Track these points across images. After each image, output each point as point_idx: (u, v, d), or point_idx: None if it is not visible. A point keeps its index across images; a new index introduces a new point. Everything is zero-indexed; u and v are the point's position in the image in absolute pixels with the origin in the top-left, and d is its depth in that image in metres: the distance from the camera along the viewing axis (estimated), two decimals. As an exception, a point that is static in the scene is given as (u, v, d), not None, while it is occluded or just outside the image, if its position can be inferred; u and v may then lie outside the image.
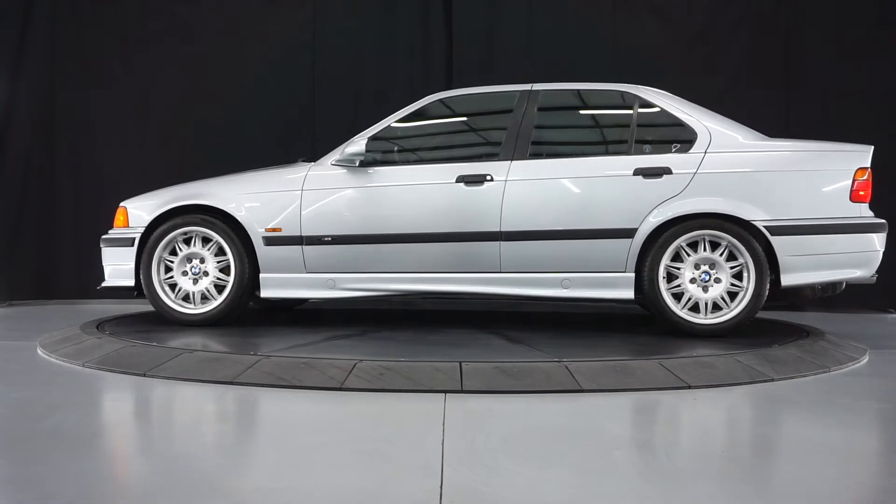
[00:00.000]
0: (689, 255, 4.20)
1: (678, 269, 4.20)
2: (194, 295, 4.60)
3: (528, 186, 4.31)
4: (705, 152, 4.21)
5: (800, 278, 4.14)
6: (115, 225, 4.76)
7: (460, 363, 3.40)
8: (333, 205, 4.47)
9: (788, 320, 5.20)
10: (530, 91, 4.55)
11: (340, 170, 4.50)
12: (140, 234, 4.62)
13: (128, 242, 4.64)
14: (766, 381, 3.49)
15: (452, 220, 4.35)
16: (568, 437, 2.68)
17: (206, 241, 4.61)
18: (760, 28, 6.46)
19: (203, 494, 2.07)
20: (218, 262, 4.59)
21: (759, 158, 4.21)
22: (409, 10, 6.78)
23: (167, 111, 6.75)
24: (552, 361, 3.48)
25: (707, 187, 4.15)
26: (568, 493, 2.11)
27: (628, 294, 4.24)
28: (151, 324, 4.70)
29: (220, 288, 4.58)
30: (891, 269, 4.62)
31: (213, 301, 4.57)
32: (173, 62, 6.77)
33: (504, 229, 4.29)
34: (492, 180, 4.33)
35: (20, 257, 6.73)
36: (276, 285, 4.55)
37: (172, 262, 4.62)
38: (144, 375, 3.55)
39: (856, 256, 4.12)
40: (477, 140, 4.89)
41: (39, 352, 4.22)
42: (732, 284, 4.15)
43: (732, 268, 4.15)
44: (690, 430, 2.91)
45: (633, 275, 4.22)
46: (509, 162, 4.36)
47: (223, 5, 6.87)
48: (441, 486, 2.11)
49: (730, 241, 4.13)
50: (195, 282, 4.62)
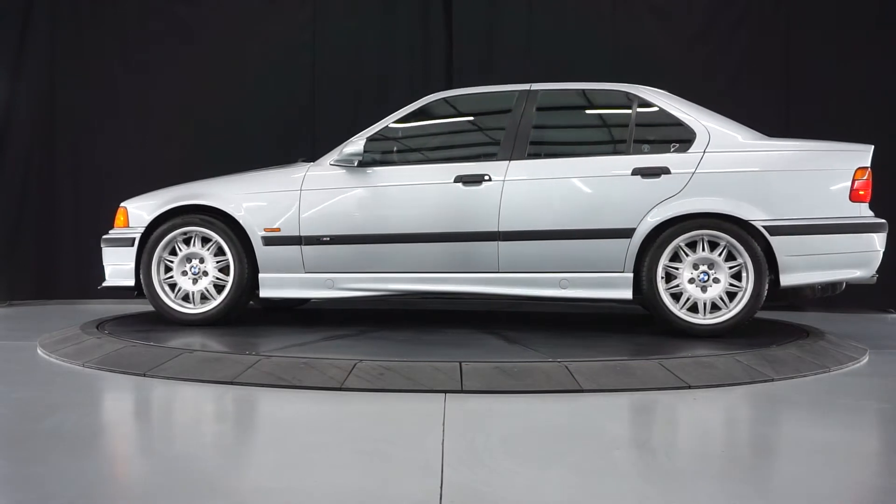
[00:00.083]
0: (687, 255, 4.19)
1: (677, 269, 4.19)
2: (194, 295, 4.61)
3: (526, 186, 4.31)
4: (704, 152, 4.19)
5: (799, 278, 4.12)
6: (115, 225, 4.77)
7: (460, 363, 3.40)
8: (332, 205, 4.47)
9: (788, 320, 5.20)
10: (529, 91, 4.54)
11: (339, 170, 4.50)
12: (140, 234, 4.64)
13: (128, 242, 4.66)
14: (766, 381, 3.49)
15: (450, 220, 4.35)
16: (568, 437, 2.68)
17: (205, 241, 4.62)
18: (760, 28, 6.46)
19: (203, 494, 2.07)
20: (217, 261, 4.60)
21: (759, 158, 4.19)
22: (409, 10, 6.78)
23: (167, 111, 6.75)
24: (552, 361, 3.48)
25: (706, 187, 4.14)
26: (568, 493, 2.11)
27: (626, 294, 4.23)
28: (151, 324, 4.70)
29: (219, 288, 4.59)
30: (891, 269, 4.61)
31: (213, 301, 4.58)
32: (173, 62, 6.77)
33: (502, 229, 4.29)
34: (490, 180, 4.32)
35: (20, 257, 6.73)
36: (275, 285, 4.56)
37: (172, 261, 4.63)
38: (144, 375, 3.55)
39: (855, 256, 4.10)
40: (475, 140, 4.88)
41: (39, 352, 4.22)
42: (731, 284, 4.14)
43: (731, 268, 4.14)
44: (690, 430, 2.91)
45: (631, 275, 4.21)
46: (507, 162, 4.35)
47: (223, 5, 6.88)
48: (441, 486, 2.11)
49: (728, 241, 4.12)
50: (195, 282, 4.63)
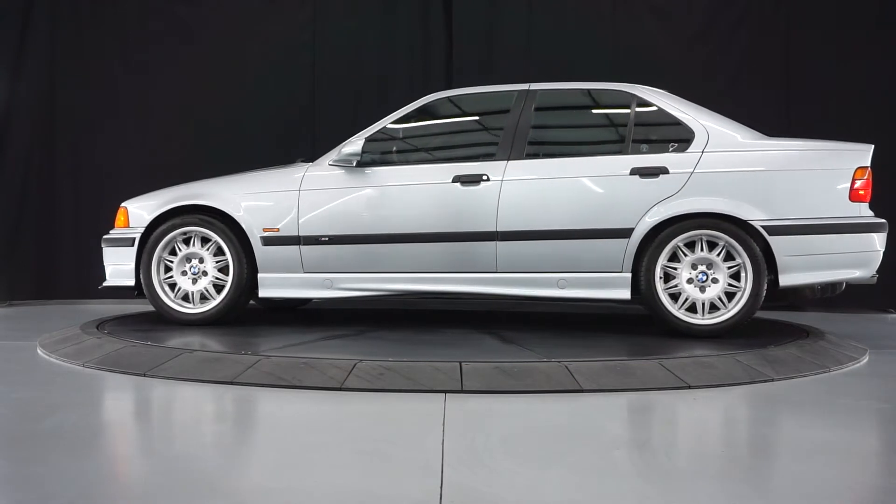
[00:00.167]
0: (686, 255, 4.17)
1: (675, 269, 4.18)
2: (193, 294, 4.61)
3: (524, 186, 4.30)
4: (703, 151, 4.18)
5: (798, 279, 4.11)
6: (115, 225, 4.78)
7: (460, 363, 3.40)
8: (330, 205, 4.47)
9: (788, 320, 5.19)
10: (527, 91, 4.54)
11: (337, 170, 4.50)
12: (140, 234, 4.64)
13: (128, 242, 4.66)
14: (766, 381, 3.49)
15: (448, 220, 4.35)
16: (568, 437, 2.68)
17: (205, 241, 4.62)
18: (760, 28, 6.46)
19: (203, 494, 2.07)
20: (217, 261, 4.60)
21: (758, 158, 4.17)
22: (409, 10, 6.78)
23: (167, 111, 6.76)
24: (552, 361, 3.48)
25: (704, 187, 4.13)
26: (568, 493, 2.11)
27: (625, 294, 4.22)
28: (151, 324, 4.70)
29: (218, 288, 4.59)
30: (891, 269, 4.60)
31: (212, 301, 4.58)
32: (173, 62, 6.78)
33: (500, 229, 4.28)
34: (488, 180, 4.32)
35: (20, 257, 6.73)
36: (274, 285, 4.55)
37: (172, 261, 4.63)
38: (144, 375, 3.55)
39: (855, 256, 4.08)
40: (474, 140, 4.88)
41: (39, 352, 4.22)
42: (730, 285, 4.12)
43: (730, 268, 4.12)
44: (690, 430, 2.91)
45: (629, 275, 4.20)
46: (505, 162, 4.35)
47: (223, 5, 6.88)
48: (441, 486, 2.11)
49: (727, 241, 4.10)
50: (194, 281, 4.63)
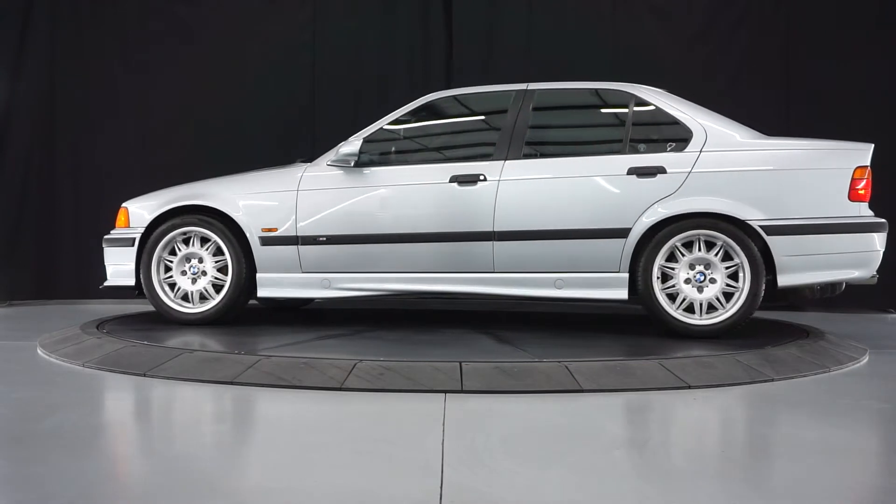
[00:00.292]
0: (683, 255, 4.15)
1: (673, 269, 4.16)
2: (192, 294, 4.61)
3: (522, 186, 4.30)
4: (700, 151, 4.16)
5: (797, 279, 4.08)
6: (116, 225, 4.79)
7: (460, 363, 3.40)
8: (328, 205, 4.48)
9: (788, 320, 5.19)
10: (525, 90, 4.53)
11: (336, 170, 4.50)
12: (140, 235, 4.65)
13: (129, 242, 4.67)
14: (766, 381, 3.49)
15: (446, 220, 4.35)
16: (568, 437, 2.68)
17: (204, 241, 4.62)
18: (760, 28, 6.45)
19: (203, 494, 2.07)
20: (216, 261, 4.61)
21: (756, 157, 4.15)
22: (409, 10, 6.78)
23: (167, 111, 6.76)
24: (552, 361, 3.48)
25: (702, 186, 4.11)
26: (568, 493, 2.11)
27: (622, 294, 4.21)
28: (151, 324, 4.70)
29: (218, 287, 4.60)
30: (891, 269, 4.60)
31: (211, 300, 4.59)
32: (173, 62, 6.78)
33: (497, 229, 4.28)
34: (485, 180, 4.32)
35: (20, 257, 6.74)
36: (273, 285, 4.56)
37: (172, 261, 4.64)
38: (144, 375, 3.55)
39: (855, 256, 4.06)
40: (472, 140, 4.87)
41: (39, 352, 4.22)
42: (728, 285, 4.10)
43: (728, 268, 4.10)
44: (690, 430, 2.91)
45: (627, 275, 4.19)
46: (503, 162, 4.34)
47: (223, 5, 6.88)
48: (441, 486, 2.11)
49: (725, 241, 4.08)
50: (193, 281, 4.63)
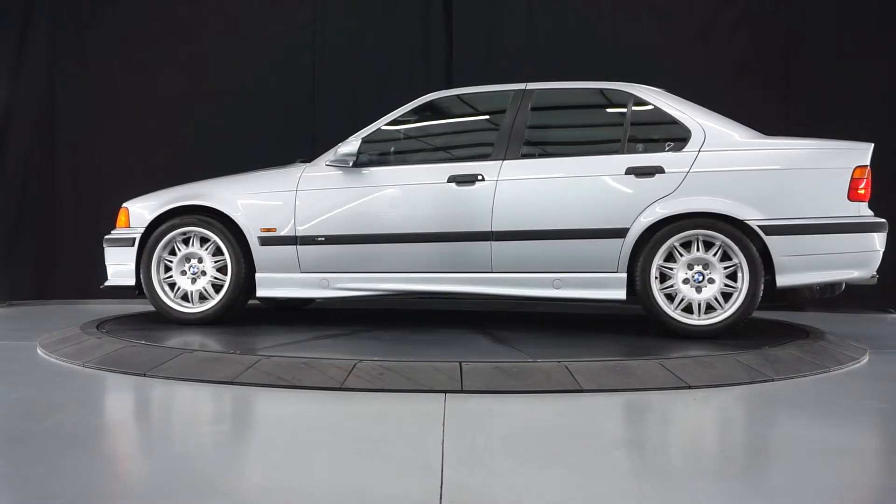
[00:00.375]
0: (682, 255, 4.14)
1: (671, 269, 4.15)
2: (192, 294, 4.62)
3: (519, 186, 4.29)
4: (699, 151, 4.15)
5: (796, 279, 4.07)
6: (117, 225, 4.79)
7: (460, 363, 3.40)
8: (327, 205, 4.48)
9: (788, 320, 5.19)
10: (524, 90, 4.53)
11: (334, 170, 4.50)
12: (140, 235, 4.65)
13: (129, 242, 4.68)
14: (766, 381, 3.48)
15: (444, 220, 4.35)
16: (568, 437, 2.68)
17: (203, 241, 4.63)
18: (760, 28, 6.45)
19: (203, 494, 2.07)
20: (215, 261, 4.61)
21: (755, 157, 4.13)
22: (409, 10, 6.78)
23: (167, 111, 6.76)
24: (552, 361, 3.48)
25: (700, 186, 4.10)
26: (568, 493, 2.11)
27: (620, 294, 4.19)
28: (151, 324, 4.71)
29: (217, 287, 4.60)
30: (891, 269, 4.60)
31: (211, 300, 4.60)
32: (173, 62, 6.78)
33: (495, 229, 4.28)
34: (483, 180, 4.31)
35: (20, 257, 6.74)
36: (272, 285, 4.56)
37: (172, 261, 4.64)
38: (144, 375, 3.55)
39: (854, 256, 4.04)
40: (470, 140, 4.87)
41: (39, 352, 4.22)
42: (726, 285, 4.09)
43: (726, 268, 4.09)
44: (690, 430, 2.91)
45: (625, 275, 4.18)
46: (501, 162, 4.34)
47: (223, 5, 6.88)
48: (441, 486, 2.11)
49: (723, 241, 4.07)
50: (193, 281, 4.64)
